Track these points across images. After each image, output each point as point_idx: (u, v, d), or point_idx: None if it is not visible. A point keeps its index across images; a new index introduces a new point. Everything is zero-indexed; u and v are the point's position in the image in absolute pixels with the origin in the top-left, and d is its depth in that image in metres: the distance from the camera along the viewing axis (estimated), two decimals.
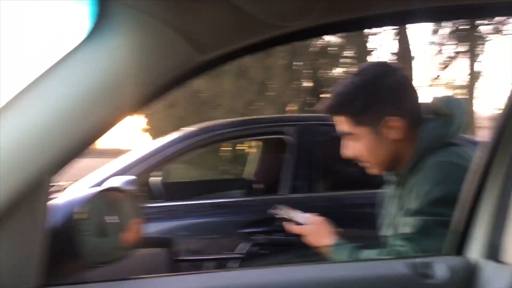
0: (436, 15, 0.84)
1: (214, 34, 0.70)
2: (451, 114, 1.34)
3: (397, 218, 1.34)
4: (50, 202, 0.82)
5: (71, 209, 0.94)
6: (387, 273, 0.98)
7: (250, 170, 4.11)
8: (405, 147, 1.34)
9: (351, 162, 1.40)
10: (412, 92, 1.38)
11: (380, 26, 1.35)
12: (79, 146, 0.74)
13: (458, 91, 9.66)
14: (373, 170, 1.40)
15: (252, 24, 0.69)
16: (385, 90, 1.32)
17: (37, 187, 0.75)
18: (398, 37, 8.02)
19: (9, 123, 0.69)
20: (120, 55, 0.69)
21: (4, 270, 0.76)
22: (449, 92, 10.23)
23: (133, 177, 2.49)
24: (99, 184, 2.62)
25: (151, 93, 0.73)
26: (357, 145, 1.36)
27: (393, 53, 8.53)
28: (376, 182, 1.60)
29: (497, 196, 0.98)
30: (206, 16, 0.67)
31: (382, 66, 1.45)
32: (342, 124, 1.36)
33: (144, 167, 2.76)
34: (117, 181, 2.18)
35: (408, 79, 1.39)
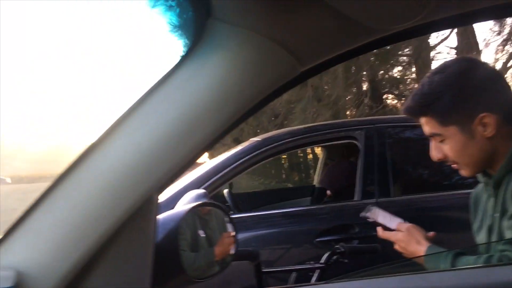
0: None
1: (316, 42, 0.69)
2: None
3: (498, 221, 1.26)
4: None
5: (170, 225, 0.96)
6: (496, 281, 0.92)
7: (319, 176, 4.07)
8: (500, 145, 1.23)
9: (427, 164, 1.35)
10: (504, 84, 1.27)
11: (489, 19, 1.29)
12: (184, 164, 0.75)
13: None
14: (465, 172, 1.29)
15: (354, 30, 0.67)
16: (474, 84, 1.23)
17: (147, 204, 0.77)
18: (460, 31, 7.69)
19: (120, 146, 0.72)
20: (223, 71, 0.69)
21: (117, 284, 0.78)
22: None
23: (204, 191, 2.53)
24: (175, 198, 2.69)
25: (253, 106, 0.73)
26: (446, 146, 1.26)
27: (456, 48, 8.19)
28: (456, 183, 1.53)
29: None
30: (305, 26, 0.66)
31: (464, 60, 1.35)
32: (427, 125, 1.27)
33: (218, 179, 2.80)
34: (191, 196, 2.22)
35: (496, 71, 1.33)
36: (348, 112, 9.90)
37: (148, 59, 0.79)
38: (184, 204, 1.10)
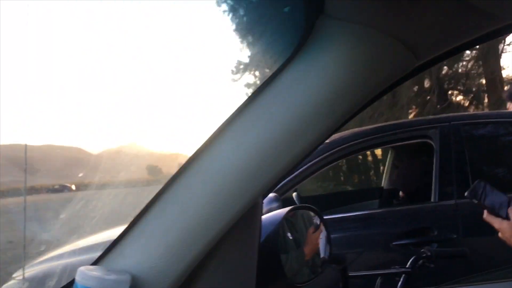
0: None
1: (436, 33, 0.65)
2: None
3: None
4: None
5: (269, 229, 0.95)
6: None
7: (390, 178, 3.95)
8: None
9: (508, 162, 1.24)
10: None
11: None
12: (291, 167, 0.74)
13: None
14: None
15: (475, 19, 0.63)
16: None
17: (253, 207, 0.76)
18: None
19: (229, 149, 0.71)
20: (335, 70, 0.67)
21: (226, 284, 0.78)
22: None
23: (275, 194, 2.50)
24: None
25: (366, 104, 0.70)
26: None
27: None
28: None
29: None
30: (426, 16, 0.63)
31: None
32: None
33: (288, 181, 2.78)
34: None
35: None
36: (411, 111, 9.58)
37: (256, 59, 0.78)
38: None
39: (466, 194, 1.40)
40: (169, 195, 0.73)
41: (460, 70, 9.66)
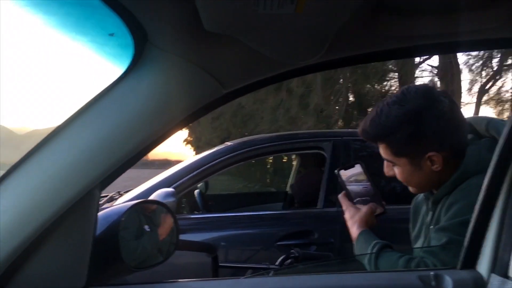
0: (437, 49, 0.92)
1: (235, 71, 0.81)
2: (496, 138, 1.31)
3: (428, 232, 1.38)
4: (99, 212, 0.96)
5: (114, 219, 1.07)
6: (400, 285, 1.05)
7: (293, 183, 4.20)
8: (445, 174, 1.34)
9: (387, 178, 1.38)
10: (459, 123, 1.33)
11: (382, 60, 1.38)
12: (121, 165, 0.88)
13: (507, 105, 9.36)
14: (412, 190, 1.43)
15: (267, 63, 0.80)
16: (428, 125, 1.27)
17: (88, 198, 0.88)
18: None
19: (66, 144, 0.84)
20: (155, 90, 0.81)
21: (56, 269, 0.90)
22: (493, 111, 9.93)
23: (172, 189, 2.63)
24: (146, 194, 2.81)
25: (183, 120, 0.85)
26: (396, 170, 1.37)
27: (437, 67, 8.42)
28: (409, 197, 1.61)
29: (505, 213, 1.03)
30: (227, 56, 0.79)
31: (427, 95, 1.30)
32: (381, 149, 1.36)
33: (189, 179, 2.91)
34: (159, 193, 2.34)
35: (454, 109, 1.32)
36: (337, 122, 10.06)
37: (92, 74, 0.91)
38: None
39: (338, 169, 1.48)
40: (7, 181, 0.84)
41: (380, 88, 10.26)
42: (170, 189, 2.67)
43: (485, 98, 9.53)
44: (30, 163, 0.84)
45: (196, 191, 3.41)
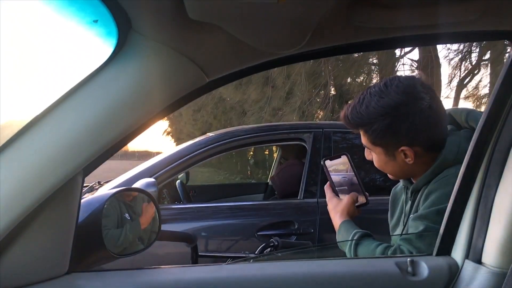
0: (415, 41, 0.94)
1: (218, 60, 0.82)
2: (475, 128, 1.30)
3: (407, 220, 1.41)
4: (81, 199, 0.96)
5: (96, 206, 1.08)
6: (378, 270, 1.08)
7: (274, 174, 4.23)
8: (418, 167, 1.38)
9: (369, 169, 1.42)
10: (437, 120, 1.34)
11: (363, 51, 1.40)
12: (104, 152, 0.88)
13: (485, 100, 9.55)
14: (389, 177, 1.48)
15: (249, 52, 0.81)
16: (405, 120, 1.30)
17: (71, 184, 0.88)
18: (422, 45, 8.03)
19: (48, 130, 0.84)
20: (138, 77, 0.82)
21: (38, 256, 0.90)
22: (471, 104, 10.12)
23: (153, 180, 2.63)
24: (126, 184, 2.80)
25: (166, 108, 0.86)
26: (373, 156, 1.43)
27: (418, 61, 8.53)
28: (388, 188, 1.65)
29: (479, 202, 1.07)
30: (210, 45, 0.80)
31: (408, 90, 1.31)
32: (362, 135, 1.40)
33: (170, 169, 2.91)
34: (140, 183, 2.34)
35: (434, 106, 1.32)
36: (319, 115, 10.11)
37: (76, 61, 0.91)
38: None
39: (324, 159, 1.51)
40: None
41: (360, 81, 10.34)
42: (151, 179, 2.68)
43: (463, 92, 9.71)
44: (12, 149, 0.84)
45: (177, 182, 3.41)
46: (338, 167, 1.50)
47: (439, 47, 8.20)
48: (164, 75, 0.82)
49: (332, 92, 10.05)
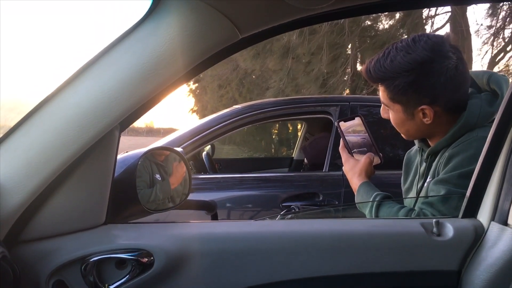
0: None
1: (252, 15, 0.84)
2: (497, 92, 1.33)
3: (422, 183, 1.41)
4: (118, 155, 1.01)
5: (131, 162, 1.12)
6: (403, 230, 1.09)
7: (300, 149, 4.25)
8: (437, 128, 1.36)
9: (396, 143, 1.39)
10: (461, 82, 1.31)
11: (397, 9, 1.37)
12: (141, 106, 0.91)
13: None
14: (403, 136, 1.45)
15: (281, 8, 0.82)
16: (428, 78, 1.27)
17: (109, 137, 0.92)
18: (453, 18, 7.81)
19: (88, 84, 0.87)
20: (173, 32, 0.84)
21: (78, 206, 0.95)
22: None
23: (181, 149, 2.69)
24: None
25: (199, 64, 0.88)
26: (391, 114, 1.40)
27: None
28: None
29: (507, 165, 1.07)
30: (245, 0, 0.82)
31: (436, 48, 1.28)
32: (381, 92, 1.37)
33: (195, 141, 2.96)
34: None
35: (460, 67, 1.30)
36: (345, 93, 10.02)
37: (116, 16, 0.93)
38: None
39: (338, 120, 1.49)
40: (33, 119, 0.88)
41: None
42: (179, 148, 2.74)
43: (495, 69, 9.44)
44: (54, 102, 0.88)
45: (203, 153, 3.46)
46: (353, 128, 1.49)
47: (470, 23, 7.98)
48: (198, 30, 0.84)
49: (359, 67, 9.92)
